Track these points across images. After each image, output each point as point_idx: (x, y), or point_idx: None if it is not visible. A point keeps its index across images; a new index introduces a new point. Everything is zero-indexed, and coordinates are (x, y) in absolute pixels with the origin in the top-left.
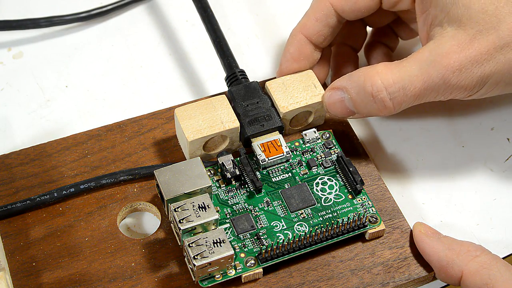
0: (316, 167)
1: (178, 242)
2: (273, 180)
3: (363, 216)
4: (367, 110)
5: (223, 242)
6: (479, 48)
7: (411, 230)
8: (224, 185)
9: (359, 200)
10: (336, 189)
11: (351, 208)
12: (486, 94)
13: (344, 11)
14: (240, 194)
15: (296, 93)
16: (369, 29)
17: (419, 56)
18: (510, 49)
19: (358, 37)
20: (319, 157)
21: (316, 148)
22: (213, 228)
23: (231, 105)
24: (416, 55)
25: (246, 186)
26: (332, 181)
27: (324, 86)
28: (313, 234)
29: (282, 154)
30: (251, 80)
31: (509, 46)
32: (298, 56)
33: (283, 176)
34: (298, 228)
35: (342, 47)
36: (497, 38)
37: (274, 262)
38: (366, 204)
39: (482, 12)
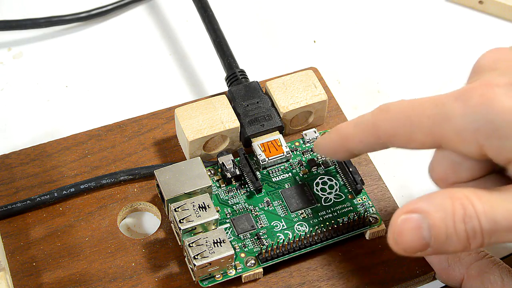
0: (316, 167)
1: (178, 242)
2: (273, 180)
3: (363, 216)
4: (448, 242)
5: (223, 242)
6: None
7: None
8: (224, 185)
9: (359, 200)
10: (336, 189)
11: (351, 208)
12: None
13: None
14: (240, 194)
15: (296, 93)
16: None
17: None
18: None
19: None
20: (319, 157)
21: None
22: (213, 228)
23: (231, 105)
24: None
25: (246, 186)
26: (332, 181)
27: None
28: (313, 234)
29: (282, 154)
30: (251, 80)
31: None
32: (333, 155)
33: (283, 176)
34: (298, 228)
35: None
36: None
37: (274, 262)
38: (366, 204)
39: None
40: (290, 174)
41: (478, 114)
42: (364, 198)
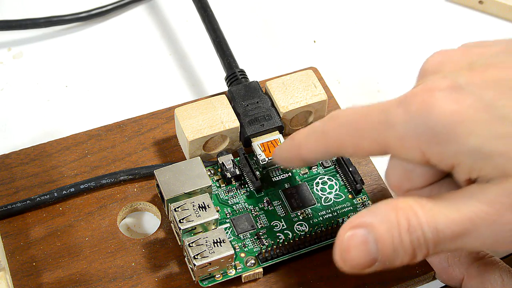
0: (316, 167)
1: (178, 242)
2: (273, 180)
3: None
4: (395, 254)
5: (223, 242)
6: None
7: None
8: (224, 185)
9: (359, 200)
10: (336, 188)
11: (351, 208)
12: None
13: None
14: (240, 194)
15: (296, 92)
16: None
17: (460, 199)
18: None
19: None
20: None
21: None
22: (213, 228)
23: (231, 105)
24: (455, 195)
25: (246, 186)
26: (332, 180)
27: None
28: (313, 233)
29: None
30: (251, 80)
31: None
32: (288, 163)
33: (283, 176)
34: (298, 228)
35: None
36: None
37: (274, 262)
38: (366, 203)
39: None
40: (290, 174)
41: (418, 121)
42: (364, 198)
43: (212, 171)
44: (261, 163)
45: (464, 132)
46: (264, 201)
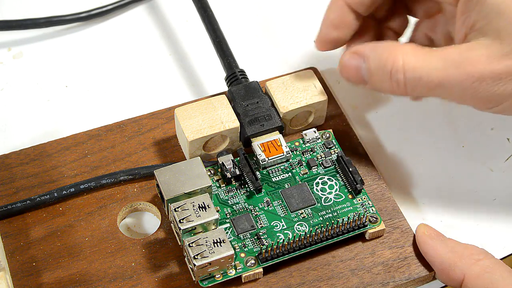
0: (316, 167)
1: (178, 242)
2: (273, 180)
3: (363, 215)
4: (380, 85)
5: (223, 242)
6: (508, 66)
7: (411, 230)
8: (224, 185)
9: (359, 200)
10: (336, 188)
11: (351, 208)
12: (501, 113)
13: None
14: (240, 194)
15: (296, 93)
16: None
17: (448, 54)
18: None
19: (400, 22)
20: (319, 157)
21: (316, 148)
22: (213, 228)
23: (231, 105)
24: (446, 50)
25: (246, 186)
26: (332, 181)
27: None
28: (313, 233)
29: (282, 154)
30: (251, 80)
31: None
32: (338, 24)
33: (283, 176)
34: (298, 228)
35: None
36: None
37: (274, 262)
38: (366, 204)
39: None
40: (290, 174)
41: None
42: (364, 198)
43: (212, 171)
44: (261, 163)
45: None
46: (264, 201)
